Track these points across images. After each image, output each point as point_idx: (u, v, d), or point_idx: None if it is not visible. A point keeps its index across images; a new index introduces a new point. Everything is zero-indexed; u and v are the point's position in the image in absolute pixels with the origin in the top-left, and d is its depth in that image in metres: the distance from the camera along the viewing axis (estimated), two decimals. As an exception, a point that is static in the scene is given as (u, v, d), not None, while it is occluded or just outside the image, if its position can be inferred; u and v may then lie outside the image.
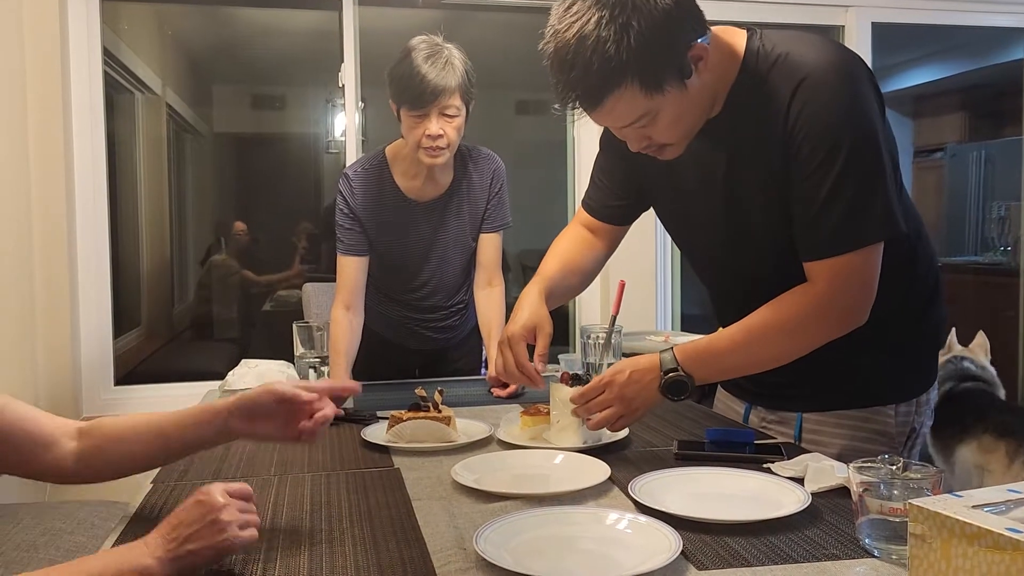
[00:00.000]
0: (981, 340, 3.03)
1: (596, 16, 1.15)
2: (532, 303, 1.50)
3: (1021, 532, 0.72)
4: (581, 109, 1.24)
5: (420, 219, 2.06)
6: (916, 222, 1.44)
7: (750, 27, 1.34)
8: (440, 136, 1.89)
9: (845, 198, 1.23)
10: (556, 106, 1.24)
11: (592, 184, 1.64)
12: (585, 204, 1.66)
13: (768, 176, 1.30)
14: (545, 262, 1.61)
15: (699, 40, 1.21)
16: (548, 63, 1.22)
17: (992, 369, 2.99)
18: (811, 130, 1.23)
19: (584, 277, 1.65)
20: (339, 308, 2.02)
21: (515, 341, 1.46)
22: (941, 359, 2.94)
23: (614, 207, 1.61)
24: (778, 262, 1.34)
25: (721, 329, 1.40)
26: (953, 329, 2.99)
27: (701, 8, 1.24)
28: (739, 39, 1.32)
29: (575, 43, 1.16)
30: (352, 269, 2.04)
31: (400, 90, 1.88)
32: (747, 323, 1.31)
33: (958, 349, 2.99)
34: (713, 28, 1.28)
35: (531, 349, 1.49)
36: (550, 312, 1.53)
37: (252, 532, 0.97)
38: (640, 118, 1.24)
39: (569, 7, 1.18)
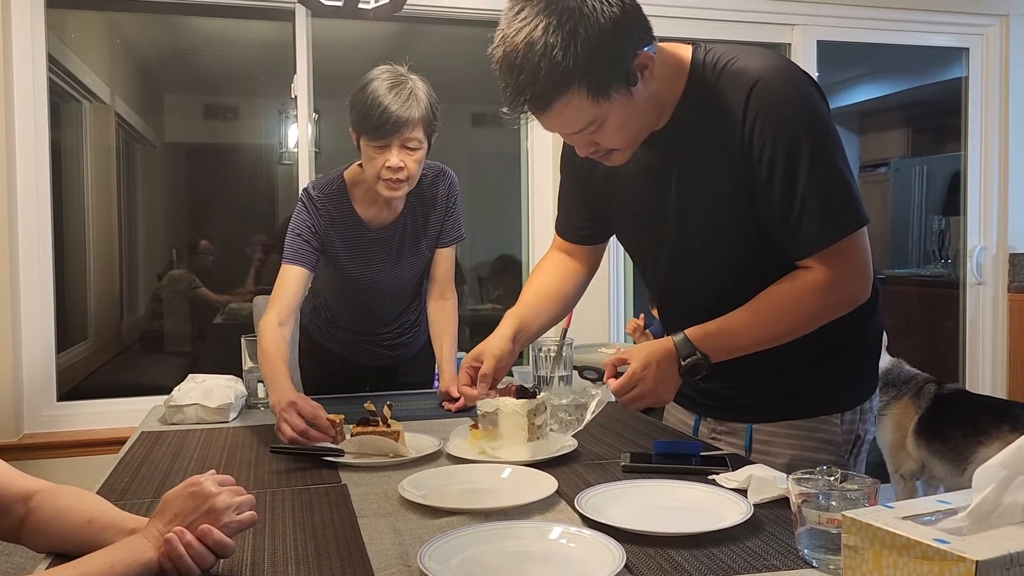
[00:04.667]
0: None
1: (544, 23, 1.17)
2: (493, 335, 1.53)
3: (948, 543, 0.74)
4: (530, 113, 1.25)
5: (376, 245, 2.02)
6: None
7: (695, 41, 1.37)
8: (401, 168, 1.83)
9: (820, 194, 1.27)
10: (505, 110, 1.26)
11: (559, 208, 1.69)
12: (557, 228, 1.71)
13: (721, 186, 1.32)
14: (523, 293, 1.66)
15: (645, 49, 1.24)
16: (497, 67, 1.24)
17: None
18: (769, 134, 1.26)
19: (564, 301, 1.67)
20: (272, 322, 1.82)
21: (461, 371, 1.53)
22: (883, 367, 3.01)
23: (581, 228, 1.65)
24: (733, 275, 1.36)
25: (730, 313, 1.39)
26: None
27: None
28: (685, 51, 1.35)
29: (523, 48, 1.18)
30: (297, 280, 1.90)
31: (360, 119, 1.82)
32: (756, 304, 1.34)
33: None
34: (659, 43, 1.31)
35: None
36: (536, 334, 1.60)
37: (251, 514, 0.99)
38: (588, 125, 1.27)
39: (518, 13, 1.20)
